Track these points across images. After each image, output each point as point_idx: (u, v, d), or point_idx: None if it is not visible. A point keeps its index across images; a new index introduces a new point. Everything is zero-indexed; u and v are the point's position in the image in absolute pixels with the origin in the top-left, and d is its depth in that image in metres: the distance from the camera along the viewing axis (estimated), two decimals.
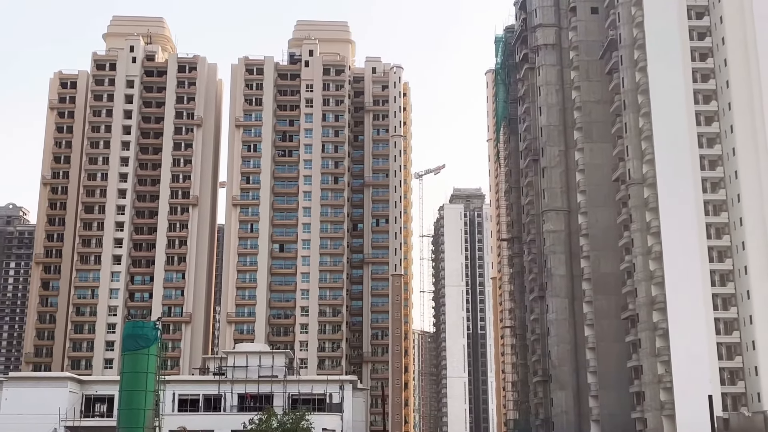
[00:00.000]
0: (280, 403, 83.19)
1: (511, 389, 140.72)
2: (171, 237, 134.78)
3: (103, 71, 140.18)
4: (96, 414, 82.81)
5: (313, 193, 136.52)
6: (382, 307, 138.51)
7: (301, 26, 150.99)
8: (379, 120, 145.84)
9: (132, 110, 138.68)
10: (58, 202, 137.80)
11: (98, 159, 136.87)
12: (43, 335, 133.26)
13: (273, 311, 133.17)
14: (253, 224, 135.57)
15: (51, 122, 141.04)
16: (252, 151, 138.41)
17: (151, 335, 65.98)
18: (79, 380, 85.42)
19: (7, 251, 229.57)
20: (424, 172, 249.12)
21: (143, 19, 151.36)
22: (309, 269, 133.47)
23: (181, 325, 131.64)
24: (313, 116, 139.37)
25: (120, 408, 65.65)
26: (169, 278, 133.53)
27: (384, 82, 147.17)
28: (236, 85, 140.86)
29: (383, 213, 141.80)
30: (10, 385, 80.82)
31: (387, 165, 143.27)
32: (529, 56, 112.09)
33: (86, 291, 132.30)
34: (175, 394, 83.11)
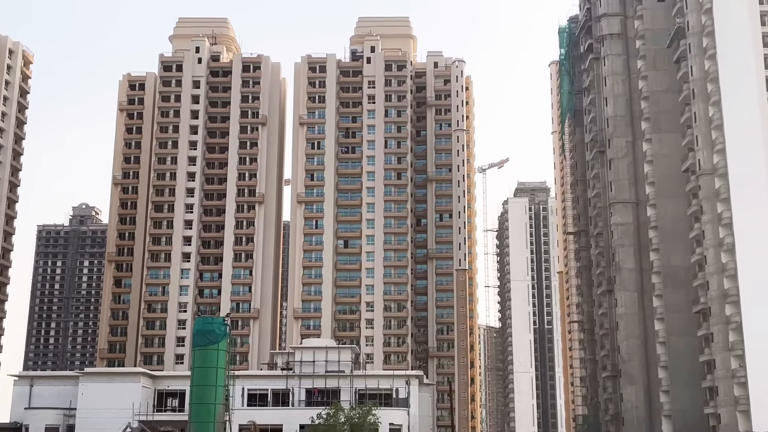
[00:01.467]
0: (347, 398, 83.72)
1: (580, 384, 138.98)
2: (238, 234, 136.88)
3: (170, 72, 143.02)
4: (168, 408, 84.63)
5: (377, 189, 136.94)
6: (446, 303, 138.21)
7: (362, 23, 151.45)
8: (441, 115, 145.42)
9: (198, 110, 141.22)
10: (129, 202, 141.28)
11: (167, 159, 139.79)
12: (117, 331, 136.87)
13: (338, 307, 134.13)
14: (317, 221, 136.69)
15: (121, 124, 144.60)
16: (316, 148, 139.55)
17: (220, 331, 67.15)
18: (151, 375, 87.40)
19: (81, 250, 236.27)
20: (487, 166, 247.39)
21: (208, 21, 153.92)
22: (373, 265, 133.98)
23: (249, 321, 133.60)
24: (375, 112, 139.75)
25: (191, 402, 66.99)
26: (237, 275, 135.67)
27: (446, 76, 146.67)
28: (299, 84, 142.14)
29: (447, 208, 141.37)
30: (86, 381, 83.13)
31: (450, 160, 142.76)
32: (593, 46, 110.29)
33: (157, 288, 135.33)
34: (245, 389, 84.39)
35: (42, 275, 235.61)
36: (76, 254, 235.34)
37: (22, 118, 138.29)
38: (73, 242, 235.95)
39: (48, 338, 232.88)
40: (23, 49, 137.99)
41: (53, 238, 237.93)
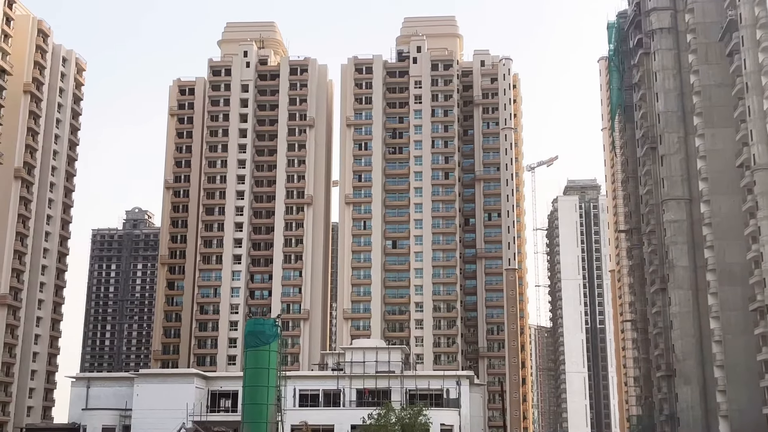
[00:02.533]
0: (398, 398, 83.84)
1: (634, 384, 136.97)
2: (287, 236, 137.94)
3: (219, 77, 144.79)
4: (221, 409, 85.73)
5: (424, 189, 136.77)
6: (496, 302, 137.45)
7: (408, 23, 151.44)
8: (488, 113, 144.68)
9: (247, 114, 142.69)
10: (180, 205, 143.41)
11: (217, 162, 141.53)
12: (170, 333, 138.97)
13: (388, 307, 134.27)
14: (366, 221, 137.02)
15: (172, 128, 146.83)
16: (363, 149, 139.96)
17: (272, 332, 67.76)
18: (204, 376, 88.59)
19: (135, 253, 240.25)
20: (536, 165, 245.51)
21: (256, 25, 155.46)
22: (422, 265, 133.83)
23: (300, 322, 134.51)
24: (422, 112, 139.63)
25: (244, 403, 67.72)
26: (287, 276, 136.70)
27: (493, 74, 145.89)
28: (346, 85, 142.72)
29: (495, 207, 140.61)
30: (141, 382, 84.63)
31: (498, 158, 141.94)
32: (643, 41, 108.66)
33: (209, 290, 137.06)
34: (296, 389, 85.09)
35: (97, 278, 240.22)
36: (129, 257, 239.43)
37: (76, 125, 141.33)
38: (127, 246, 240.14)
39: (104, 340, 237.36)
40: (76, 56, 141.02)
41: (107, 242, 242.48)
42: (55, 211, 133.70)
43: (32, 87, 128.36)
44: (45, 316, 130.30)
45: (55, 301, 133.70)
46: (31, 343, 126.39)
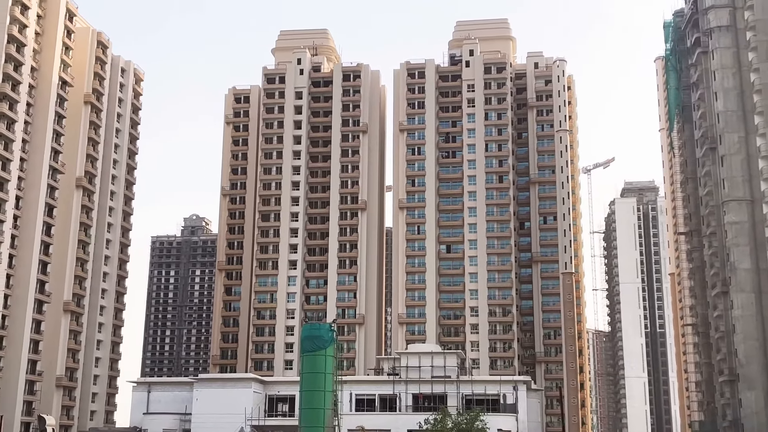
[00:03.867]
0: (454, 403, 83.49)
1: (695, 389, 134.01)
2: (342, 241, 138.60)
3: (273, 84, 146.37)
4: (279, 413, 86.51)
5: (478, 192, 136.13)
6: (553, 307, 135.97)
7: (460, 27, 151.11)
8: (543, 116, 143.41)
9: (301, 120, 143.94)
10: (237, 212, 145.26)
11: (272, 169, 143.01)
12: (228, 338, 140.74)
13: (443, 312, 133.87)
14: (419, 226, 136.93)
15: (228, 136, 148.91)
16: (416, 154, 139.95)
17: (328, 337, 68.20)
18: (262, 381, 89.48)
19: (193, 260, 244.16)
20: (592, 167, 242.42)
21: (309, 32, 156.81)
22: (477, 269, 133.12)
23: (355, 327, 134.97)
24: (475, 116, 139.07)
25: (301, 407, 68.26)
26: (342, 281, 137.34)
27: (547, 76, 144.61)
28: (399, 90, 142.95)
29: (551, 210, 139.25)
30: (201, 386, 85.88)
31: (553, 161, 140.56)
32: (701, 40, 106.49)
33: (265, 295, 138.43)
34: (352, 394, 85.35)
35: (156, 285, 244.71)
36: (188, 264, 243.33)
37: (135, 134, 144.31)
38: (185, 252, 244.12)
39: (163, 345, 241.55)
40: (134, 67, 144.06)
41: (166, 249, 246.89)
42: (115, 219, 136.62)
43: (92, 98, 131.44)
44: (107, 321, 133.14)
45: (116, 307, 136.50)
46: (93, 349, 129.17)
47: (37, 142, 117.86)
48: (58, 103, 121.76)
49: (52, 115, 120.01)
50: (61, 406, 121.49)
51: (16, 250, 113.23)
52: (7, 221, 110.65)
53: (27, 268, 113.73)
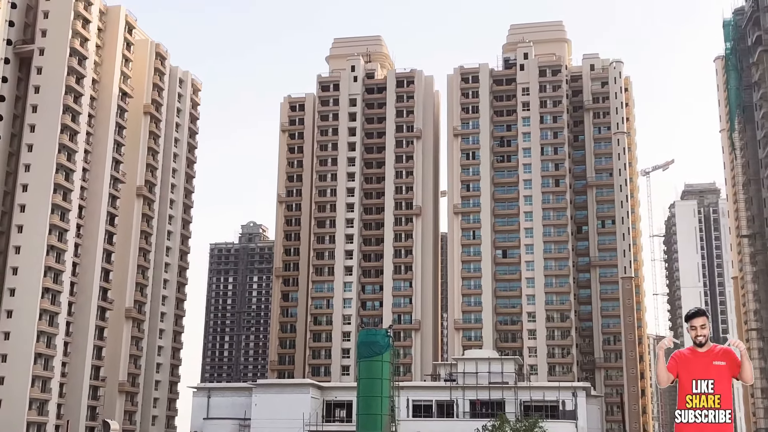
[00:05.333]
0: (512, 409, 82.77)
1: (761, 396, 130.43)
2: (397, 247, 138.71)
3: (327, 92, 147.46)
4: (336, 419, 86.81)
5: (534, 197, 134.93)
6: (612, 312, 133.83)
7: (514, 30, 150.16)
8: (599, 118, 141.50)
9: (355, 127, 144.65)
10: (293, 219, 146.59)
11: (327, 176, 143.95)
12: (285, 344, 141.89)
13: (499, 317, 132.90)
14: (475, 231, 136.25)
15: (283, 144, 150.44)
16: (471, 158, 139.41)
17: (384, 343, 68.31)
18: (319, 386, 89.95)
19: (250, 266, 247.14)
20: (651, 169, 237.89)
21: (362, 39, 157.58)
22: (534, 274, 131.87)
23: (411, 333, 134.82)
24: (530, 119, 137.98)
25: (358, 413, 68.44)
26: (398, 287, 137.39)
27: (603, 78, 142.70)
28: (452, 95, 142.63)
29: (609, 214, 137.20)
30: (259, 392, 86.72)
31: (610, 164, 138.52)
32: (762, 38, 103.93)
33: (322, 301, 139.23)
34: (409, 399, 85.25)
35: (215, 291, 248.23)
36: (245, 270, 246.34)
37: (193, 143, 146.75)
38: (243, 259, 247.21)
39: (222, 351, 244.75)
40: (192, 77, 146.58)
41: (225, 256, 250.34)
42: (174, 227, 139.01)
43: (151, 108, 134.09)
44: (167, 328, 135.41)
45: (177, 314, 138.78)
46: (154, 355, 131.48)
47: (99, 152, 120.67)
48: (118, 114, 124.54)
49: (113, 126, 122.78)
50: (123, 411, 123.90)
51: (80, 259, 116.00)
52: (70, 230, 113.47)
53: (90, 276, 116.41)
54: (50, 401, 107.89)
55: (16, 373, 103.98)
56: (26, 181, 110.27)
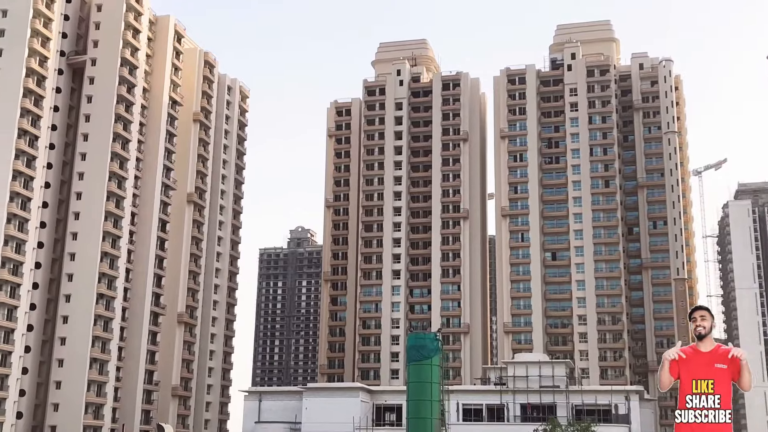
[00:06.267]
0: (564, 413, 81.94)
1: None
2: (444, 250, 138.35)
3: (373, 97, 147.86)
4: (386, 422, 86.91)
5: (584, 198, 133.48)
6: (665, 314, 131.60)
7: (561, 30, 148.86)
8: (649, 117, 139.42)
9: (402, 131, 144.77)
10: (341, 223, 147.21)
11: (374, 180, 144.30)
12: (335, 348, 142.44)
13: (549, 320, 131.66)
14: (523, 234, 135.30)
15: (330, 149, 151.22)
16: (518, 160, 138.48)
17: (433, 346, 68.16)
18: (369, 390, 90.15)
19: (299, 271, 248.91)
20: (703, 169, 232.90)
21: (408, 43, 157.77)
22: (584, 277, 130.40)
23: (460, 336, 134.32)
24: (578, 120, 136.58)
25: (408, 417, 68.36)
26: (446, 290, 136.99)
27: (653, 77, 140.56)
28: (499, 97, 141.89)
29: (660, 215, 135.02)
30: (310, 395, 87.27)
31: (661, 164, 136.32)
32: None
33: (370, 305, 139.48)
34: (459, 403, 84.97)
35: (265, 296, 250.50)
36: (294, 275, 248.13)
37: (242, 150, 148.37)
38: (292, 264, 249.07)
39: (272, 355, 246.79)
40: (240, 84, 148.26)
41: (273, 261, 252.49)
42: (225, 233, 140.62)
43: (201, 116, 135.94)
44: (218, 332, 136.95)
45: (227, 318, 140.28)
46: (206, 359, 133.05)
47: (150, 160, 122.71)
48: (168, 122, 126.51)
49: (163, 134, 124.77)
50: (176, 415, 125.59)
51: (133, 265, 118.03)
52: (123, 237, 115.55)
53: (143, 282, 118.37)
54: (105, 405, 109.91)
55: (72, 378, 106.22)
56: (80, 190, 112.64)
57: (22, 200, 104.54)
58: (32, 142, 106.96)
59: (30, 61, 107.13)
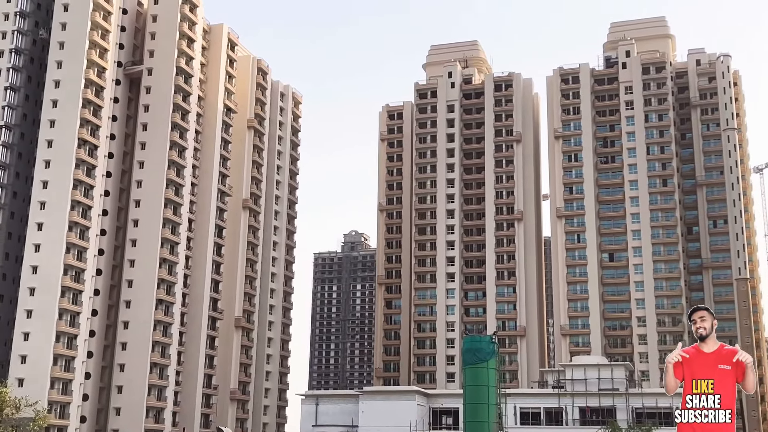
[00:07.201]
0: (623, 416, 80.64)
1: None
2: (499, 252, 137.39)
3: (425, 99, 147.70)
4: (443, 426, 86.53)
5: (641, 198, 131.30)
6: (727, 315, 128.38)
7: (615, 28, 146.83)
8: (707, 114, 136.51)
9: (454, 133, 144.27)
10: (394, 226, 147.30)
11: (426, 183, 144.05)
12: (390, 351, 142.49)
13: (607, 322, 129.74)
14: (579, 234, 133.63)
15: (383, 153, 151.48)
16: (573, 161, 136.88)
17: (489, 349, 67.64)
18: (425, 393, 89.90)
19: (353, 274, 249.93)
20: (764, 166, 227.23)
21: (459, 45, 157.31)
22: (643, 278, 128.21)
23: (516, 339, 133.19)
24: (634, 118, 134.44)
25: (465, 420, 67.92)
26: (501, 293, 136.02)
27: (710, 73, 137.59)
28: (552, 97, 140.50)
29: (721, 213, 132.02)
30: (366, 399, 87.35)
31: (721, 162, 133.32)
32: None
33: (425, 308, 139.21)
34: (517, 407, 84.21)
35: (320, 300, 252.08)
36: (349, 279, 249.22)
37: (295, 155, 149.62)
38: (346, 267, 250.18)
39: (328, 359, 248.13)
40: (293, 91, 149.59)
41: (328, 265, 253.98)
42: (280, 238, 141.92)
43: (255, 122, 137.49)
44: (275, 336, 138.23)
45: (284, 323, 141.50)
46: (263, 363, 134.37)
47: (206, 167, 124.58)
48: (223, 129, 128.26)
49: (218, 141, 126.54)
50: (235, 419, 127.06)
51: (190, 270, 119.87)
52: (181, 243, 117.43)
53: (201, 287, 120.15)
54: (166, 409, 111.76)
55: (133, 382, 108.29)
56: (138, 197, 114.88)
57: (82, 209, 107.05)
58: (92, 151, 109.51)
59: (89, 72, 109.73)
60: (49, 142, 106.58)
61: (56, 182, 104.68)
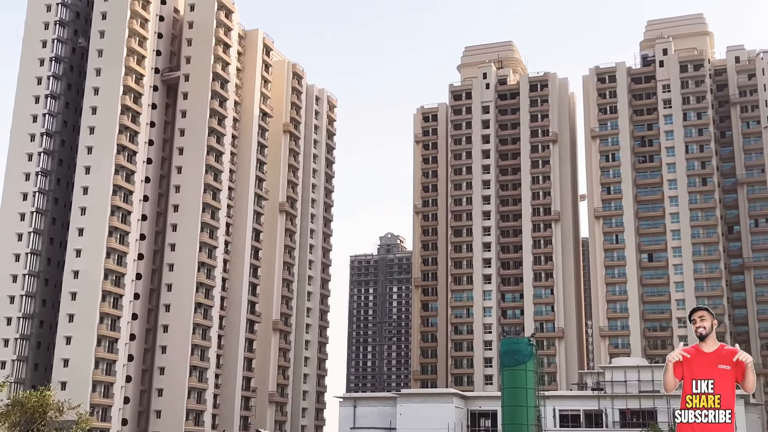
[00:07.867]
0: (665, 419, 79.55)
1: None
2: (536, 254, 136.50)
3: (459, 101, 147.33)
4: (481, 429, 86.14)
5: (680, 197, 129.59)
6: None
7: (652, 26, 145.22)
8: (748, 112, 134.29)
9: (489, 134, 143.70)
10: (430, 229, 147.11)
11: (462, 184, 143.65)
12: (427, 353, 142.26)
13: (647, 323, 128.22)
14: (617, 235, 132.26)
15: (418, 155, 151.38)
16: (610, 160, 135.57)
17: (527, 351, 67.30)
18: (463, 396, 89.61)
19: (389, 277, 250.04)
20: None
21: (493, 46, 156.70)
22: (682, 278, 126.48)
23: (554, 341, 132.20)
24: (672, 117, 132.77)
25: (504, 423, 67.64)
26: (538, 294, 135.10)
27: (750, 70, 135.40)
28: (588, 96, 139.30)
29: (762, 212, 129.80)
30: (404, 401, 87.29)
31: (762, 159, 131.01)
32: None
33: (462, 311, 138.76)
34: (556, 409, 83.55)
35: (356, 302, 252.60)
36: (385, 281, 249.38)
37: (330, 158, 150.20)
38: (382, 270, 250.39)
39: (366, 361, 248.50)
40: (327, 94, 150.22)
41: (364, 267, 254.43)
42: (316, 241, 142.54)
43: (290, 126, 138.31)
44: (312, 339, 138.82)
45: (321, 325, 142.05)
46: (301, 366, 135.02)
47: (243, 171, 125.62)
48: (259, 134, 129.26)
49: (254, 146, 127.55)
50: (274, 421, 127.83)
51: (228, 274, 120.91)
52: (219, 247, 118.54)
53: (239, 291, 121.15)
54: (205, 412, 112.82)
55: (173, 385, 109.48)
56: (177, 202, 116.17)
57: (122, 214, 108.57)
58: (131, 157, 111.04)
59: (126, 79, 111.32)
60: (88, 149, 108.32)
61: (96, 188, 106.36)
